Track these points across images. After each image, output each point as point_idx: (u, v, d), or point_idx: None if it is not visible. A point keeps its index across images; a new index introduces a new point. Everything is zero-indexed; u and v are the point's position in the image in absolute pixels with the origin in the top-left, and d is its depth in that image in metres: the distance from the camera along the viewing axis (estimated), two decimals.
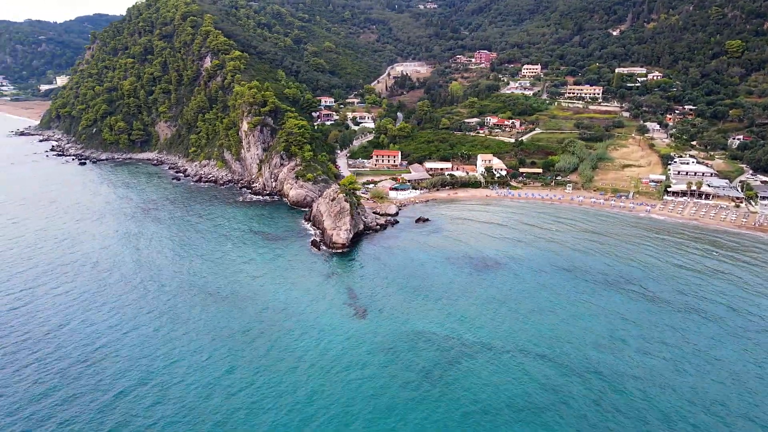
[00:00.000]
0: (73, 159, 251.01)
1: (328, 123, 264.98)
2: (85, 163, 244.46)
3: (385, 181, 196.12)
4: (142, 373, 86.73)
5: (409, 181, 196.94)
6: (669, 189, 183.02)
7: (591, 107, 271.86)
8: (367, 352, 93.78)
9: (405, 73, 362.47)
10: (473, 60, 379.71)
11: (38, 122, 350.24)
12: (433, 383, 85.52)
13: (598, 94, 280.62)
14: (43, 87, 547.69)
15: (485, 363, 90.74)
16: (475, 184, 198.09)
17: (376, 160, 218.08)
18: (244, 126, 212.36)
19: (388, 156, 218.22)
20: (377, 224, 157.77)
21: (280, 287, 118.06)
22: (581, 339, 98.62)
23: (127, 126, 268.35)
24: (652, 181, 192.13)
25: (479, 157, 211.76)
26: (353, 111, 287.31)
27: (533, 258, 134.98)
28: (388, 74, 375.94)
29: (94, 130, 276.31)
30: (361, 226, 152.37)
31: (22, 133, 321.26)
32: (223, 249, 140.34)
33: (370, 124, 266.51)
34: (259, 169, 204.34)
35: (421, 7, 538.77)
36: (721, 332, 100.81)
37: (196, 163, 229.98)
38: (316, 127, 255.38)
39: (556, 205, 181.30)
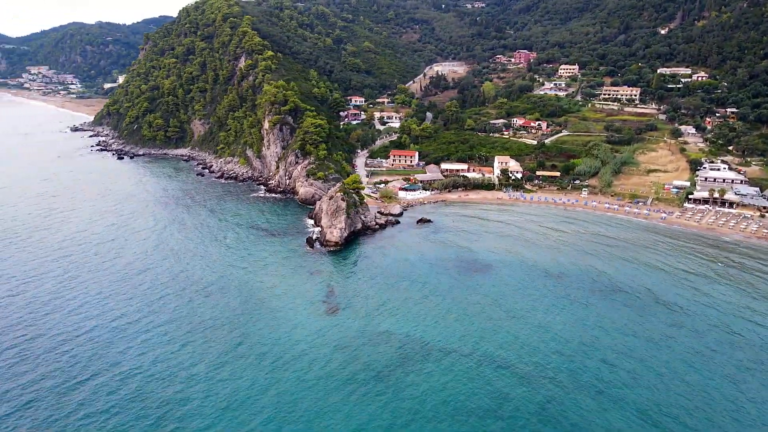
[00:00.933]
0: (113, 154, 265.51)
1: (354, 122, 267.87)
2: (122, 158, 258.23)
3: (395, 181, 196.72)
4: (110, 359, 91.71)
5: (421, 181, 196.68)
6: (690, 196, 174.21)
7: (626, 109, 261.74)
8: (329, 349, 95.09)
9: (440, 73, 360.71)
10: (512, 60, 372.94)
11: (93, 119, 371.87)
12: (387, 385, 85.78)
13: (635, 95, 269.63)
14: (107, 85, 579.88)
15: (443, 367, 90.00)
16: (488, 186, 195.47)
17: (393, 160, 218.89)
18: (266, 124, 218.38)
19: (405, 156, 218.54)
20: (377, 224, 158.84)
21: (264, 283, 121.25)
22: (546, 346, 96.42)
23: (164, 123, 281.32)
24: (675, 187, 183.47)
25: (496, 158, 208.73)
26: (382, 111, 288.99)
27: (524, 263, 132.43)
28: (424, 75, 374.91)
29: (135, 126, 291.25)
30: (359, 225, 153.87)
31: (76, 129, 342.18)
32: (222, 243, 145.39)
33: (396, 124, 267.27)
34: (277, 167, 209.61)
35: (469, 6, 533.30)
36: (696, 350, 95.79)
37: (221, 160, 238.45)
38: (341, 126, 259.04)
39: (569, 210, 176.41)
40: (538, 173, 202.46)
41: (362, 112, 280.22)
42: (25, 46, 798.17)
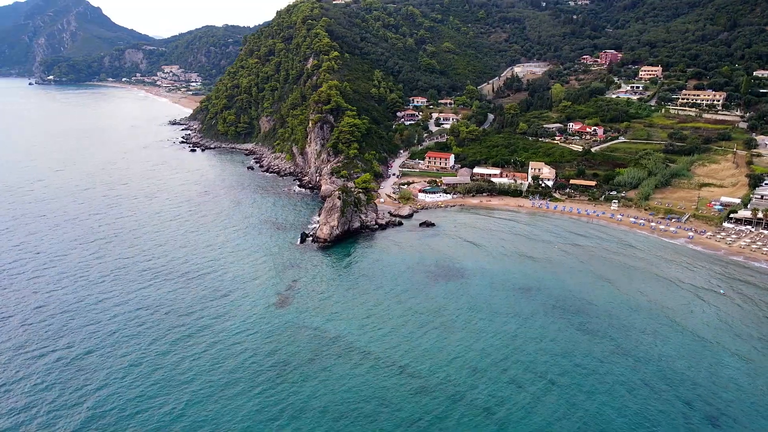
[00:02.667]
0: (190, 147, 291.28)
1: (409, 123, 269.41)
2: (194, 151, 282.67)
3: (417, 183, 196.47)
4: (67, 335, 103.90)
5: (447, 184, 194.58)
6: (732, 215, 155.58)
7: (705, 116, 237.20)
8: (251, 339, 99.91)
9: (515, 75, 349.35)
10: (598, 60, 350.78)
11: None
12: (291, 382, 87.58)
13: (718, 100, 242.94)
14: None
15: (347, 368, 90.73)
16: (514, 192, 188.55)
17: (429, 162, 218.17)
18: (310, 123, 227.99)
19: (441, 158, 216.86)
20: (377, 224, 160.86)
21: (238, 272, 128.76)
22: (464, 360, 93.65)
23: (236, 119, 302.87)
24: (721, 204, 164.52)
25: (530, 164, 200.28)
26: (441, 112, 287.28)
27: (500, 274, 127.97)
28: (498, 76, 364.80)
29: (213, 122, 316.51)
30: (357, 224, 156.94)
31: (174, 123, 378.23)
32: (225, 233, 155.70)
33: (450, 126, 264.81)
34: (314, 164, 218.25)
35: (571, 3, 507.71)
36: (621, 384, 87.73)
37: (273, 155, 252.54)
38: (394, 126, 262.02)
39: (590, 222, 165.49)
40: (571, 182, 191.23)
41: (419, 113, 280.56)
42: (163, 47, 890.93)
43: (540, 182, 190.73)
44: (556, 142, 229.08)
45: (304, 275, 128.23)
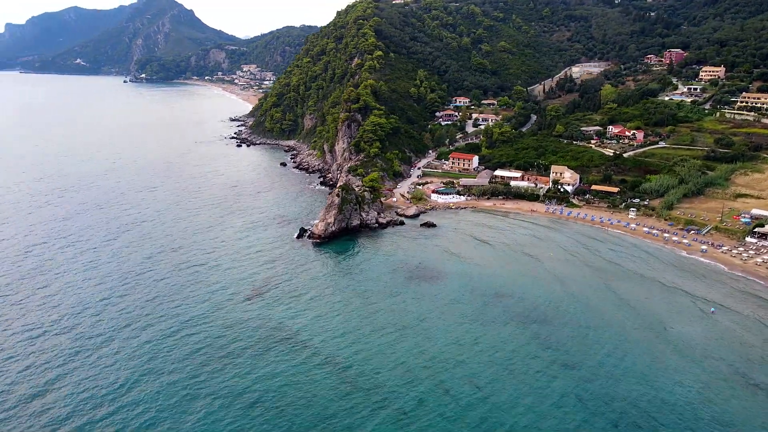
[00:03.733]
0: (237, 143, 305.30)
1: (445, 123, 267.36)
2: (240, 146, 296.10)
3: (434, 183, 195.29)
4: (51, 311, 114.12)
5: (463, 186, 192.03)
6: (757, 229, 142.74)
7: (765, 120, 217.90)
8: (210, 330, 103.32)
9: (569, 75, 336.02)
10: (663, 60, 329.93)
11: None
12: (209, 373, 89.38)
13: None
14: None
15: (294, 365, 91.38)
16: (531, 196, 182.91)
17: (453, 163, 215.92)
18: (339, 121, 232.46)
19: (464, 159, 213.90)
20: (378, 223, 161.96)
21: (227, 264, 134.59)
22: (408, 366, 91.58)
23: (282, 116, 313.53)
24: (751, 216, 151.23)
25: (552, 168, 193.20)
26: (481, 112, 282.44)
27: (483, 279, 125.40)
28: (551, 77, 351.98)
29: (262, 119, 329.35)
30: (356, 222, 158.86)
31: (233, 120, 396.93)
32: (233, 226, 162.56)
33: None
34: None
35: (649, 0, 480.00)
36: (563, 398, 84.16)
37: (308, 152, 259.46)
38: (429, 126, 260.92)
39: (603, 230, 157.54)
40: (593, 188, 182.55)
41: (457, 113, 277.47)
42: (244, 47, 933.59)
43: (559, 187, 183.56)
44: (590, 145, 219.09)
45: (287, 270, 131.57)
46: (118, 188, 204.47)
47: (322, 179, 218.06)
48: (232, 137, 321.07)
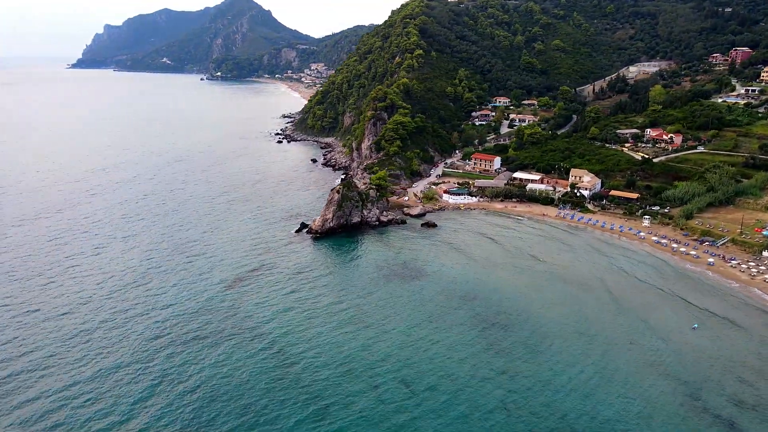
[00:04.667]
0: (278, 139, 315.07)
1: (479, 123, 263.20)
2: (281, 143, 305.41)
3: (444, 183, 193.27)
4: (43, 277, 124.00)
5: (479, 187, 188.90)
6: None
7: None
8: (178, 316, 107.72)
9: (622, 75, 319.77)
10: (728, 59, 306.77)
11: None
12: (165, 359, 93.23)
13: None
14: None
15: (245, 356, 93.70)
16: (545, 200, 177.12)
17: (474, 164, 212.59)
18: (366, 119, 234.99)
19: (486, 160, 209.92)
20: (378, 221, 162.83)
21: (221, 254, 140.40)
22: (354, 364, 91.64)
23: (323, 114, 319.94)
24: None
25: (571, 171, 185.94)
26: (519, 113, 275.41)
27: (459, 280, 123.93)
28: (604, 77, 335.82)
29: (306, 116, 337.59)
30: (356, 220, 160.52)
31: (284, 116, 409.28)
32: (242, 219, 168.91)
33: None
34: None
35: None
36: (493, 407, 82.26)
37: (339, 150, 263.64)
38: (462, 126, 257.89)
39: (611, 237, 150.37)
40: (611, 193, 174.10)
41: (493, 114, 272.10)
42: (314, 46, 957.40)
43: (576, 191, 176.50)
44: (623, 149, 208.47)
45: (274, 262, 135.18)
46: (158, 179, 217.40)
47: (343, 176, 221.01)
48: (277, 133, 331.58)
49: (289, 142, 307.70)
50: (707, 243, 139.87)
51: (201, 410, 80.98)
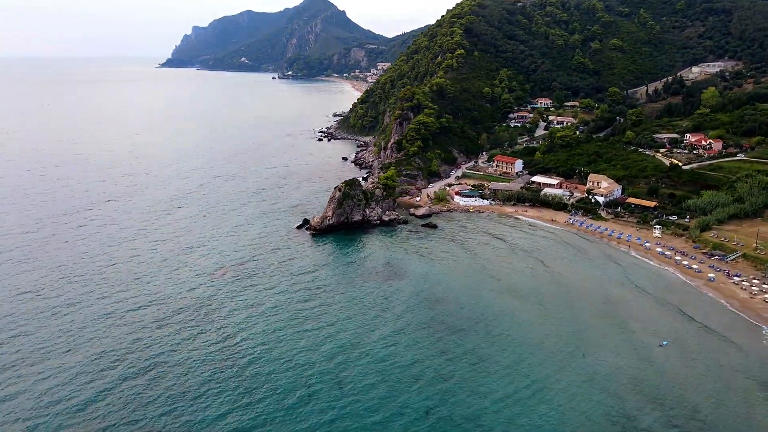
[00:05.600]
0: (319, 137, 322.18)
1: (513, 125, 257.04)
2: (321, 140, 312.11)
3: (458, 185, 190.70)
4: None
5: (493, 190, 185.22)
6: None
7: None
8: (153, 302, 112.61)
9: (680, 77, 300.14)
10: None
11: None
12: (128, 342, 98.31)
13: None
14: None
15: (195, 346, 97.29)
16: (557, 205, 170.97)
17: (497, 166, 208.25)
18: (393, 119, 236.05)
19: (507, 163, 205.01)
20: (380, 220, 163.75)
21: (219, 245, 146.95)
22: (288, 357, 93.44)
23: (365, 113, 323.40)
24: None
25: (589, 177, 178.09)
26: (559, 114, 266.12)
27: (434, 283, 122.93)
28: (664, 77, 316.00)
29: (349, 115, 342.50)
30: (358, 218, 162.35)
31: (335, 115, 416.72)
32: (252, 214, 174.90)
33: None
34: None
35: None
36: (413, 414, 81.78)
37: (371, 148, 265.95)
38: (495, 127, 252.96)
39: (618, 247, 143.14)
40: (628, 200, 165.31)
41: (530, 115, 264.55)
42: (384, 46, 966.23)
43: (591, 197, 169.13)
44: (656, 154, 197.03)
45: (263, 256, 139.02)
46: (200, 172, 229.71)
47: (364, 175, 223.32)
48: (321, 131, 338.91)
49: (329, 140, 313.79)
50: (716, 257, 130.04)
51: (136, 394, 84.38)
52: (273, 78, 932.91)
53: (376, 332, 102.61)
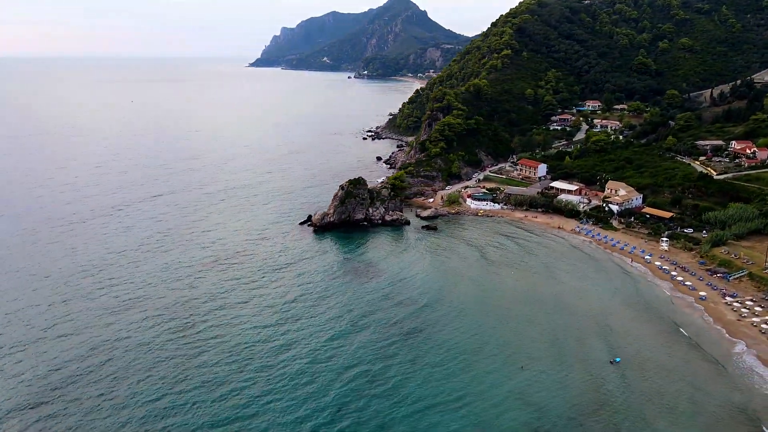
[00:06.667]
0: (365, 136, 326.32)
1: (552, 128, 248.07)
2: (365, 139, 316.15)
3: (471, 188, 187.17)
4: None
5: (509, 194, 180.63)
6: None
7: None
8: (140, 289, 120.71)
9: (749, 79, 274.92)
10: None
11: None
12: (99, 325, 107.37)
13: None
14: None
15: (142, 333, 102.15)
16: (569, 212, 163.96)
17: (520, 170, 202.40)
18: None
19: (530, 167, 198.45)
20: (382, 220, 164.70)
21: (221, 237, 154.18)
22: (230, 354, 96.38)
23: (410, 114, 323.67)
24: None
25: (607, 184, 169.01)
26: (605, 118, 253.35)
27: (409, 285, 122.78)
28: (735, 79, 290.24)
29: (396, 115, 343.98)
30: (359, 216, 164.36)
31: (390, 114, 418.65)
32: (265, 210, 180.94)
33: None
34: None
35: None
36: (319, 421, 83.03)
37: (405, 148, 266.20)
38: (533, 130, 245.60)
39: (618, 258, 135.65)
40: (645, 210, 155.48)
41: (571, 118, 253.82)
42: (460, 46, 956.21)
43: (604, 205, 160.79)
44: (693, 162, 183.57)
45: (258, 250, 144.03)
46: (239, 165, 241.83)
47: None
48: (369, 131, 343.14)
49: (374, 140, 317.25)
50: (719, 275, 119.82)
51: (86, 369, 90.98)
52: (348, 77, 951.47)
53: (323, 334, 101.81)
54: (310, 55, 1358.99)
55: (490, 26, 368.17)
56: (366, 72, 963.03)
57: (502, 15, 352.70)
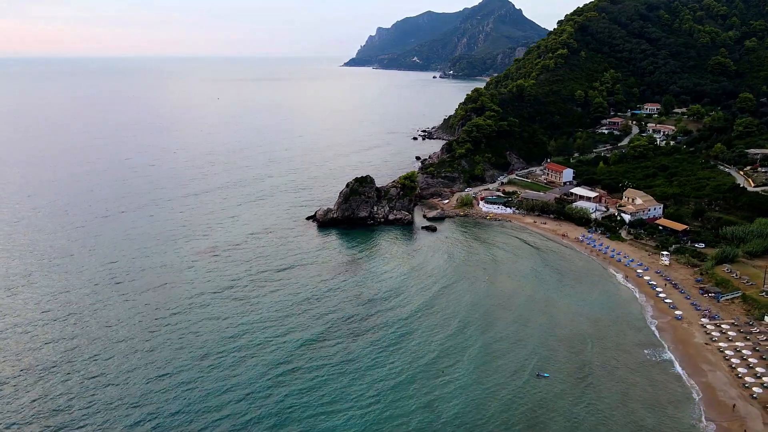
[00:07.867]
0: (415, 136, 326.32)
1: (600, 131, 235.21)
2: (416, 139, 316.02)
3: (483, 191, 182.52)
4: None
5: (523, 199, 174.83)
6: None
7: None
8: (130, 273, 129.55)
9: None
10: None
11: None
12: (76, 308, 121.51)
13: None
14: None
15: (129, 314, 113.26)
16: (579, 220, 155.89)
17: (547, 174, 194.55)
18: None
19: (556, 171, 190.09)
20: (384, 219, 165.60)
21: (228, 224, 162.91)
22: (185, 348, 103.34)
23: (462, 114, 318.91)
24: None
25: (625, 193, 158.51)
26: (661, 122, 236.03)
27: (385, 286, 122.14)
28: None
29: (450, 116, 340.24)
30: (363, 214, 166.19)
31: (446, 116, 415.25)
32: (281, 204, 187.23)
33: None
34: None
35: None
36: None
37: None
38: (577, 133, 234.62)
39: (607, 271, 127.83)
40: (659, 221, 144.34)
41: (620, 122, 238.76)
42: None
43: (618, 214, 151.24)
44: (736, 172, 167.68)
45: (255, 242, 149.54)
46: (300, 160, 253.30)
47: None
48: (423, 130, 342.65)
49: (424, 139, 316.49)
50: (710, 295, 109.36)
51: (56, 341, 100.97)
52: (433, 77, 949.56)
53: (275, 331, 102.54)
54: (401, 54, 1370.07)
55: (556, 25, 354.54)
56: (452, 72, 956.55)
57: (567, 14, 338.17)
